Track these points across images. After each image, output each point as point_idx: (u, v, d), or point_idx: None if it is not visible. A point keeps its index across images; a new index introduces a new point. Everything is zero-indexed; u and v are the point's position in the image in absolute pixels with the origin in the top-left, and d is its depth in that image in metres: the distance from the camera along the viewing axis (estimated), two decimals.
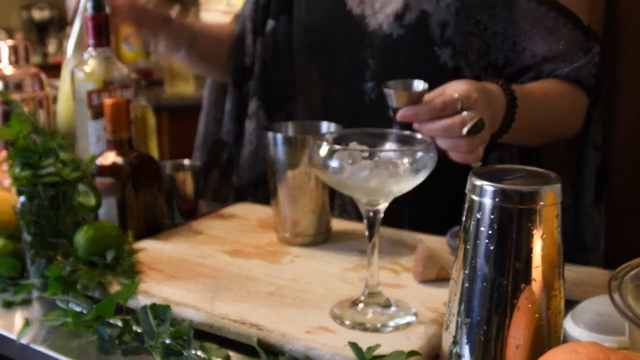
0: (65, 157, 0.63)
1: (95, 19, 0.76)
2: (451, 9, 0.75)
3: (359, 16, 0.81)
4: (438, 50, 0.76)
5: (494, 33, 0.75)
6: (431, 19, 0.75)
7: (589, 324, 0.47)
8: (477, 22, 0.75)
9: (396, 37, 0.78)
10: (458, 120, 0.59)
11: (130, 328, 0.53)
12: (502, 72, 0.77)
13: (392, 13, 0.78)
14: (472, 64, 0.76)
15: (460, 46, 0.75)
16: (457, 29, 0.75)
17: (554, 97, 0.75)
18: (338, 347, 0.48)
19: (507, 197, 0.41)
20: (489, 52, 0.76)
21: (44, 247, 0.63)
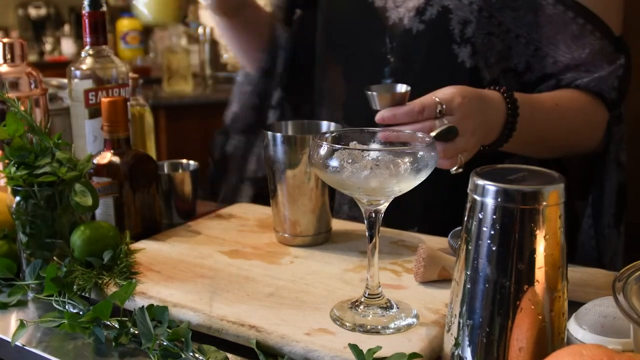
0: (61, 157, 0.63)
1: (92, 16, 0.75)
2: (473, 6, 0.73)
3: (381, 8, 0.79)
4: (457, 49, 0.74)
5: (516, 36, 0.73)
6: (452, 15, 0.74)
7: (593, 325, 0.46)
8: (500, 23, 0.73)
9: (415, 33, 0.76)
10: (427, 125, 0.59)
11: (127, 330, 0.53)
12: (522, 77, 0.75)
13: (413, 7, 0.76)
14: (491, 66, 0.74)
15: (479, 46, 0.73)
16: (478, 28, 0.73)
17: (567, 109, 0.73)
18: (338, 349, 0.48)
19: (509, 197, 0.41)
20: (510, 56, 0.74)
21: (39, 248, 0.62)
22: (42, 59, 3.58)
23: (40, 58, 3.57)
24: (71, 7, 3.83)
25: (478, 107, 0.62)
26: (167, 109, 2.14)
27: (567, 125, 0.74)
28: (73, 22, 3.79)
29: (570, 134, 0.75)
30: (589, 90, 0.74)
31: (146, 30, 3.59)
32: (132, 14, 3.76)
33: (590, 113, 0.75)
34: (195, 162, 0.87)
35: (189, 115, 2.18)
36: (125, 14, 3.70)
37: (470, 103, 0.61)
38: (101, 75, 0.76)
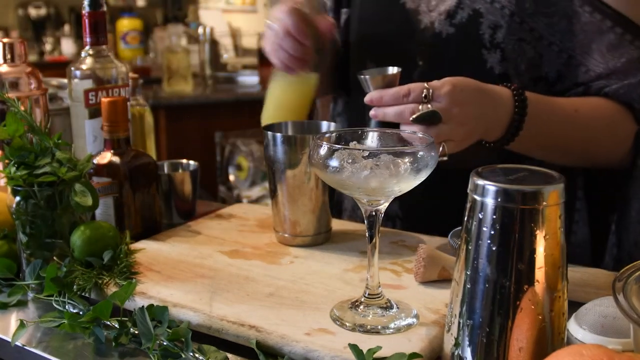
0: (61, 157, 0.63)
1: (92, 16, 0.75)
2: (505, 11, 0.70)
3: (413, 11, 0.77)
4: (486, 54, 0.72)
5: (549, 43, 0.70)
6: (483, 19, 0.71)
7: (593, 325, 0.46)
8: (532, 29, 0.70)
9: (445, 36, 0.74)
10: (409, 107, 0.59)
11: (127, 330, 0.53)
12: (554, 87, 0.73)
13: (444, 10, 0.74)
14: (521, 74, 0.71)
15: (509, 52, 0.71)
16: (508, 34, 0.70)
17: (588, 117, 0.69)
18: (338, 349, 0.48)
19: (509, 197, 0.41)
20: (542, 64, 0.71)
21: (39, 248, 0.62)
22: (42, 59, 3.58)
23: (40, 58, 3.57)
24: (71, 7, 3.83)
25: (474, 99, 0.61)
26: (167, 109, 2.14)
27: (586, 133, 0.70)
28: (73, 22, 3.80)
29: (589, 143, 0.71)
30: (617, 99, 0.70)
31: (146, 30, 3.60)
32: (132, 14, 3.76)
33: (615, 124, 0.71)
34: (195, 162, 0.87)
35: (189, 115, 2.18)
36: (125, 14, 3.70)
37: (462, 92, 0.60)
38: (101, 75, 0.76)
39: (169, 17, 4.09)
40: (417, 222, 0.77)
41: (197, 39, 2.71)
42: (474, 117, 0.61)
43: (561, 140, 0.70)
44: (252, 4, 4.14)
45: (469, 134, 0.62)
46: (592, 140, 0.72)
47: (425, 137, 0.53)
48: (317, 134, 0.53)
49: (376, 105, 0.61)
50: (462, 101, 0.60)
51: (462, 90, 0.60)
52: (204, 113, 2.20)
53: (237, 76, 2.50)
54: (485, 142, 0.66)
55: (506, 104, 0.64)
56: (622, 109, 0.71)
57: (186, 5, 4.20)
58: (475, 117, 0.61)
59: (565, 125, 0.69)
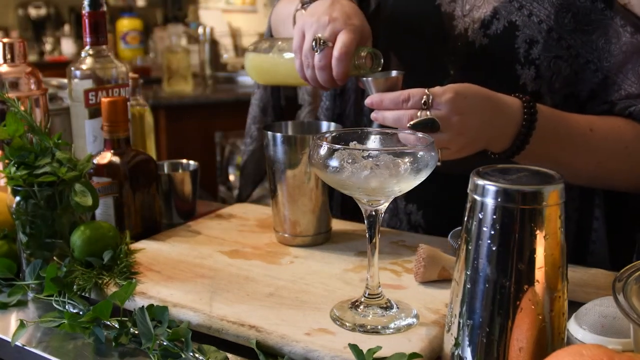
0: (61, 157, 0.63)
1: (92, 16, 0.75)
2: (542, 26, 0.67)
3: (448, 15, 0.73)
4: (519, 70, 0.68)
5: (586, 62, 0.67)
6: (519, 32, 0.68)
7: (593, 325, 0.46)
8: (570, 46, 0.67)
9: (478, 47, 0.70)
10: (408, 113, 0.58)
11: (127, 330, 0.53)
12: (584, 106, 0.69)
13: (479, 18, 0.70)
14: (555, 92, 0.68)
15: (544, 70, 0.68)
16: (544, 50, 0.67)
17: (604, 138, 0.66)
18: (338, 349, 0.48)
19: (509, 197, 0.41)
20: (576, 82, 0.68)
21: (39, 248, 0.62)
22: (42, 59, 3.58)
23: (40, 58, 3.57)
24: (71, 7, 3.83)
25: (478, 107, 0.59)
26: (167, 109, 2.14)
27: (601, 155, 0.67)
28: (73, 22, 3.80)
29: (603, 164, 0.67)
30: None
31: (146, 30, 3.59)
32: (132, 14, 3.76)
33: (634, 147, 0.67)
34: (195, 162, 0.87)
35: (189, 115, 2.18)
36: (125, 14, 3.70)
37: (465, 100, 0.58)
38: (101, 75, 0.76)
39: (169, 17, 4.09)
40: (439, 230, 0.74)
41: (197, 39, 2.71)
42: (475, 127, 0.59)
43: (572, 158, 0.66)
44: (252, 4, 4.14)
45: (468, 144, 0.60)
46: (607, 162, 0.68)
47: (426, 137, 0.53)
48: (317, 134, 0.53)
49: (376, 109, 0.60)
50: (463, 110, 0.58)
51: (465, 98, 0.58)
52: (204, 113, 2.20)
53: (237, 76, 2.50)
54: (491, 152, 0.64)
55: (514, 115, 0.61)
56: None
57: (186, 5, 4.20)
58: (476, 127, 0.60)
59: (577, 143, 0.65)
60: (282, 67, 0.71)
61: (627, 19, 0.67)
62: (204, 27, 2.66)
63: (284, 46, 0.71)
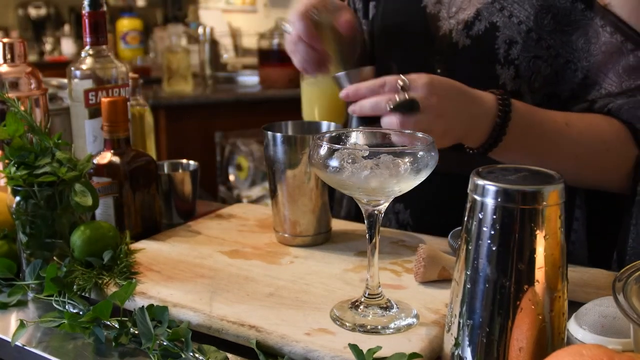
0: (61, 157, 0.63)
1: (92, 16, 0.75)
2: (522, 27, 0.68)
3: (433, 16, 0.75)
4: (499, 69, 0.70)
5: (566, 62, 0.69)
6: (499, 33, 0.69)
7: (593, 325, 0.46)
8: (549, 47, 0.68)
9: (461, 47, 0.72)
10: (386, 97, 0.58)
11: (127, 330, 0.53)
12: (566, 104, 0.70)
13: (463, 20, 0.72)
14: (535, 92, 0.70)
15: (524, 70, 0.69)
16: (524, 51, 0.68)
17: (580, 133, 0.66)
18: (338, 349, 0.48)
19: (509, 197, 0.41)
20: (557, 82, 0.69)
21: (39, 248, 0.62)
22: (42, 59, 3.58)
23: (40, 58, 3.57)
24: (71, 7, 3.84)
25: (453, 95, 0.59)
26: (167, 109, 2.14)
27: (577, 150, 0.67)
28: (73, 22, 3.80)
29: (580, 160, 0.68)
30: (619, 117, 0.67)
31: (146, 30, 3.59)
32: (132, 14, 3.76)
33: (612, 143, 0.67)
34: (195, 162, 0.87)
35: (189, 115, 2.18)
36: (125, 14, 3.70)
37: (440, 85, 0.59)
38: (101, 75, 0.76)
39: (169, 17, 4.09)
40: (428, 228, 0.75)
41: (197, 39, 2.71)
42: (453, 111, 0.60)
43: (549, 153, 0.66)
44: (252, 4, 4.14)
45: (448, 130, 0.60)
46: (584, 158, 0.68)
47: (426, 137, 0.53)
48: (317, 134, 0.53)
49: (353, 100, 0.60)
50: (440, 93, 0.59)
51: (440, 83, 0.59)
52: (204, 113, 2.20)
53: (237, 76, 2.50)
54: (468, 148, 0.65)
55: (489, 107, 0.62)
56: (622, 129, 0.68)
57: (186, 5, 4.20)
58: (454, 111, 0.60)
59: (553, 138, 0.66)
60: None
61: (607, 19, 0.67)
62: (204, 27, 2.66)
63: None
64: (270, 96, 2.21)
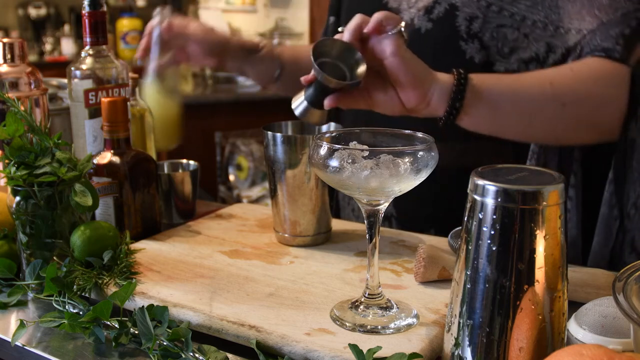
0: (61, 157, 0.63)
1: (92, 16, 0.75)
2: (482, 2, 0.73)
3: (394, 10, 0.81)
4: (464, 45, 0.74)
5: (532, 22, 0.72)
6: (459, 12, 0.74)
7: (593, 325, 0.46)
8: (512, 14, 0.72)
9: (424, 31, 0.77)
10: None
11: (127, 330, 0.53)
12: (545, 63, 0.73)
13: (423, 6, 0.78)
14: (506, 57, 0.73)
15: (488, 40, 0.73)
16: (485, 23, 0.73)
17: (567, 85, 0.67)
18: (338, 349, 0.48)
19: (509, 196, 0.41)
20: (529, 43, 0.73)
21: (39, 248, 0.62)
22: (42, 59, 3.58)
23: (40, 58, 3.57)
24: (71, 7, 3.83)
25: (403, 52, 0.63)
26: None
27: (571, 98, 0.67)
28: (73, 22, 3.80)
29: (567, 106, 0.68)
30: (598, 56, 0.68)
31: None
32: (132, 14, 3.76)
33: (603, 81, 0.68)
34: (195, 162, 0.87)
35: (189, 115, 2.18)
36: (125, 14, 3.70)
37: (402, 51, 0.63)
38: (101, 75, 0.76)
39: None
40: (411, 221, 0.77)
41: None
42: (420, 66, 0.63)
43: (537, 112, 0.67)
44: (252, 4, 4.14)
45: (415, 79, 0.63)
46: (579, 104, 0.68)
47: (426, 137, 0.53)
48: (317, 134, 0.53)
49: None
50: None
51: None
52: (204, 113, 2.20)
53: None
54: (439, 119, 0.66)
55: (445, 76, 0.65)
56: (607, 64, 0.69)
57: (186, 5, 4.20)
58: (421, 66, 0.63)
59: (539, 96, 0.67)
60: None
61: None
62: None
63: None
64: (270, 96, 2.21)
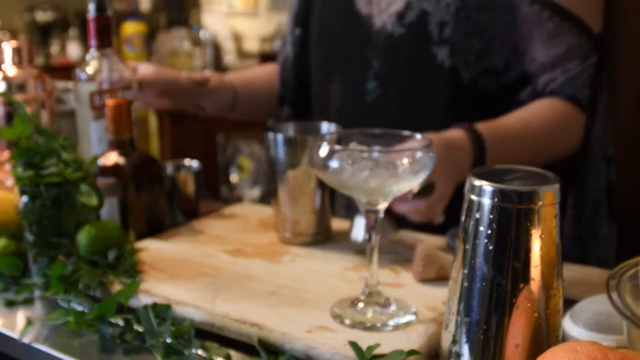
0: (67, 158, 0.64)
1: (98, 20, 0.76)
2: (451, 8, 0.75)
3: (366, 16, 0.82)
4: (435, 49, 0.76)
5: (494, 35, 0.75)
6: (430, 18, 0.76)
7: (588, 323, 0.47)
8: (477, 22, 0.75)
9: (397, 36, 0.79)
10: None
11: (131, 327, 0.54)
12: (502, 77, 0.77)
13: (395, 12, 0.79)
14: (470, 66, 0.76)
15: (458, 46, 0.75)
16: (455, 29, 0.75)
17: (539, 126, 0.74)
18: (338, 346, 0.49)
19: (505, 197, 0.41)
20: (489, 55, 0.76)
21: (46, 247, 0.63)
22: (49, 62, 3.60)
23: (46, 61, 3.59)
24: (77, 11, 3.86)
25: (446, 154, 0.65)
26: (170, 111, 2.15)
27: (541, 141, 0.75)
28: (79, 26, 3.82)
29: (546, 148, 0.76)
30: (564, 95, 0.75)
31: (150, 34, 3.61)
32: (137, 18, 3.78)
33: (566, 123, 0.75)
34: (198, 163, 0.88)
35: (192, 117, 2.19)
36: (130, 17, 3.72)
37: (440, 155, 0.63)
38: (106, 78, 0.77)
39: (173, 20, 4.10)
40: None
41: (200, 42, 2.73)
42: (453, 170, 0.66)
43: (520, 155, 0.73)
44: (254, 7, 4.15)
45: (453, 186, 0.67)
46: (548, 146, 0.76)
47: (424, 138, 0.54)
48: (317, 135, 0.54)
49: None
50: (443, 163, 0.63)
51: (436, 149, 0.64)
52: (206, 115, 2.21)
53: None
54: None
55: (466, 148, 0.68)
56: (568, 106, 0.75)
57: (189, 9, 4.22)
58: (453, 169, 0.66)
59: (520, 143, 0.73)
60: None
61: None
62: (206, 30, 2.67)
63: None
64: None
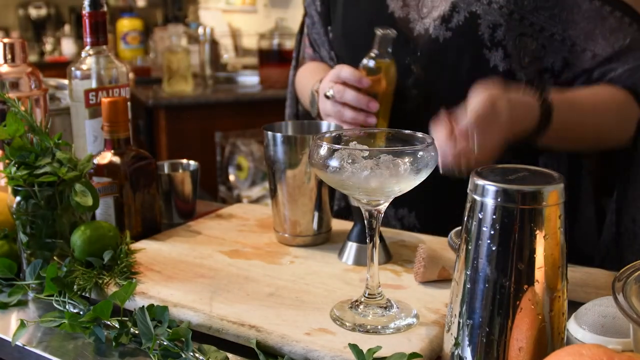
0: (62, 157, 0.63)
1: (93, 16, 0.75)
2: (504, 10, 0.72)
3: (403, 19, 0.78)
4: (487, 54, 0.74)
5: (551, 34, 0.73)
6: (481, 20, 0.73)
7: (593, 325, 0.46)
8: (532, 23, 0.72)
9: (442, 41, 0.75)
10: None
11: (127, 330, 0.53)
12: (560, 77, 0.75)
13: (438, 16, 0.75)
14: (526, 67, 0.74)
15: (511, 48, 0.73)
16: (508, 31, 0.72)
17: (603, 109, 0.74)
18: (338, 349, 0.48)
19: (509, 197, 0.41)
20: (545, 55, 0.74)
21: (40, 248, 0.63)
22: (43, 59, 3.58)
23: (40, 58, 3.57)
24: (71, 7, 3.84)
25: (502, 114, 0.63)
26: (167, 109, 2.14)
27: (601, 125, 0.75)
28: (73, 23, 3.80)
29: (604, 132, 0.76)
30: (622, 84, 0.74)
31: (146, 31, 3.60)
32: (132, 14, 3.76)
33: (625, 110, 0.75)
34: (195, 162, 0.87)
35: (189, 115, 2.18)
36: (125, 14, 3.70)
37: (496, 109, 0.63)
38: (101, 76, 0.76)
39: (169, 17, 4.09)
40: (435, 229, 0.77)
41: (197, 39, 2.71)
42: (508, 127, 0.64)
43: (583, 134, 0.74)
44: (252, 4, 4.14)
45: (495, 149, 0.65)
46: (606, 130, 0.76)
47: (425, 137, 0.53)
48: (317, 134, 0.53)
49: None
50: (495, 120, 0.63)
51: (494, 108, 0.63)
52: (204, 113, 2.20)
53: (237, 76, 2.50)
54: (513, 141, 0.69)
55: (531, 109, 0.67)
56: (627, 95, 0.75)
57: (186, 5, 4.20)
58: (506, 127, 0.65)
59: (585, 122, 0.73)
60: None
61: None
62: (204, 27, 2.66)
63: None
64: (270, 96, 2.21)
